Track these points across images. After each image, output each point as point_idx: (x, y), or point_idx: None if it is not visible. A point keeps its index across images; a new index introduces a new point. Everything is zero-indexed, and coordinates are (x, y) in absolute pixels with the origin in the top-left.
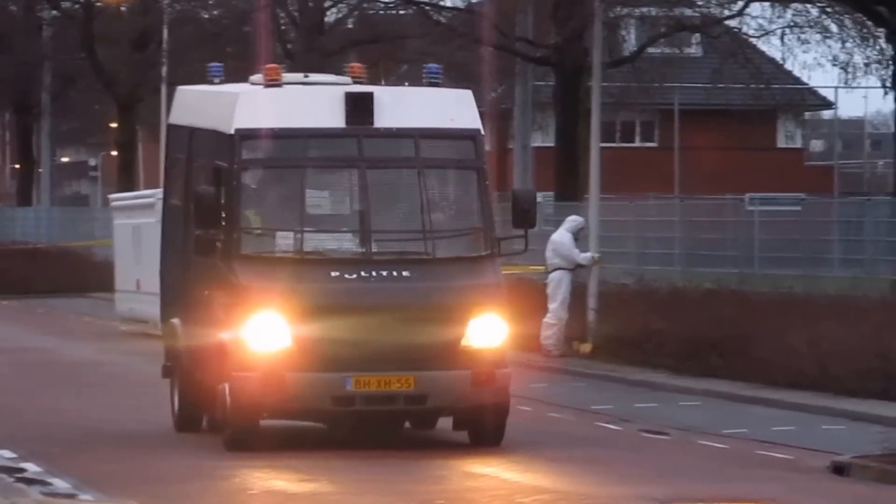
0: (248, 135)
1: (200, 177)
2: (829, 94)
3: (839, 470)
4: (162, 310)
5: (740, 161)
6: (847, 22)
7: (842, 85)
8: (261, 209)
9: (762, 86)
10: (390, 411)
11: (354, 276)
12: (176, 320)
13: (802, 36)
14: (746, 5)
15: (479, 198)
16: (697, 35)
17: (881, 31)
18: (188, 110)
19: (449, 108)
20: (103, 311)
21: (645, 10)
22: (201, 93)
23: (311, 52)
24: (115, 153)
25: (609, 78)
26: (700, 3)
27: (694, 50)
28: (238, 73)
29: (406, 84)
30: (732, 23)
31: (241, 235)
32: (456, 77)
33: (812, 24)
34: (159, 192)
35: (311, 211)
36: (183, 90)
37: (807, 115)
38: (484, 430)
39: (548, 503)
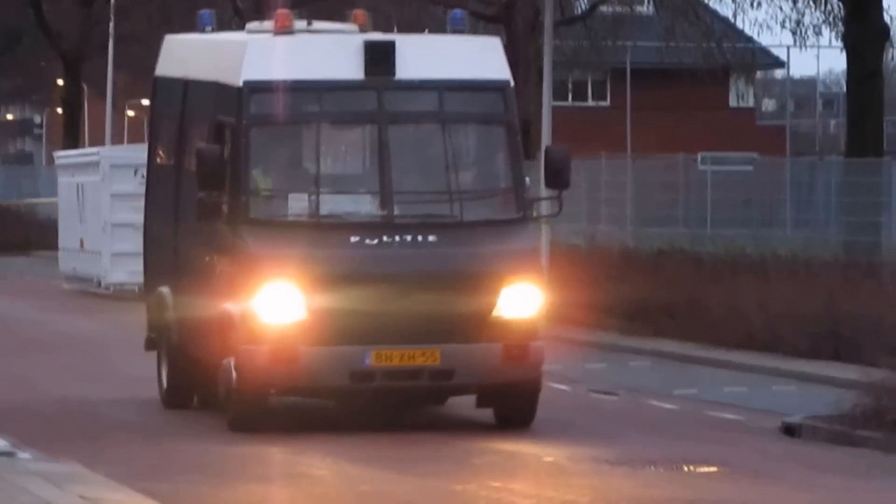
0: (257, 87)
1: (198, 133)
2: (781, 54)
3: (790, 431)
4: (146, 278)
5: (692, 121)
6: None
7: (793, 45)
8: (271, 169)
9: (713, 44)
10: (413, 387)
11: (376, 241)
12: (165, 289)
13: None
14: None
15: (510, 155)
16: None
17: None
18: (181, 61)
19: (475, 57)
20: (45, 270)
21: None
22: (198, 42)
23: (260, 10)
24: (60, 110)
25: (561, 36)
26: None
27: (645, 9)
28: (190, 30)
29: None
30: None
31: (250, 198)
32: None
33: None
34: (103, 149)
35: (327, 171)
36: (172, 39)
37: (759, 74)
38: (513, 408)
39: (496, 464)
